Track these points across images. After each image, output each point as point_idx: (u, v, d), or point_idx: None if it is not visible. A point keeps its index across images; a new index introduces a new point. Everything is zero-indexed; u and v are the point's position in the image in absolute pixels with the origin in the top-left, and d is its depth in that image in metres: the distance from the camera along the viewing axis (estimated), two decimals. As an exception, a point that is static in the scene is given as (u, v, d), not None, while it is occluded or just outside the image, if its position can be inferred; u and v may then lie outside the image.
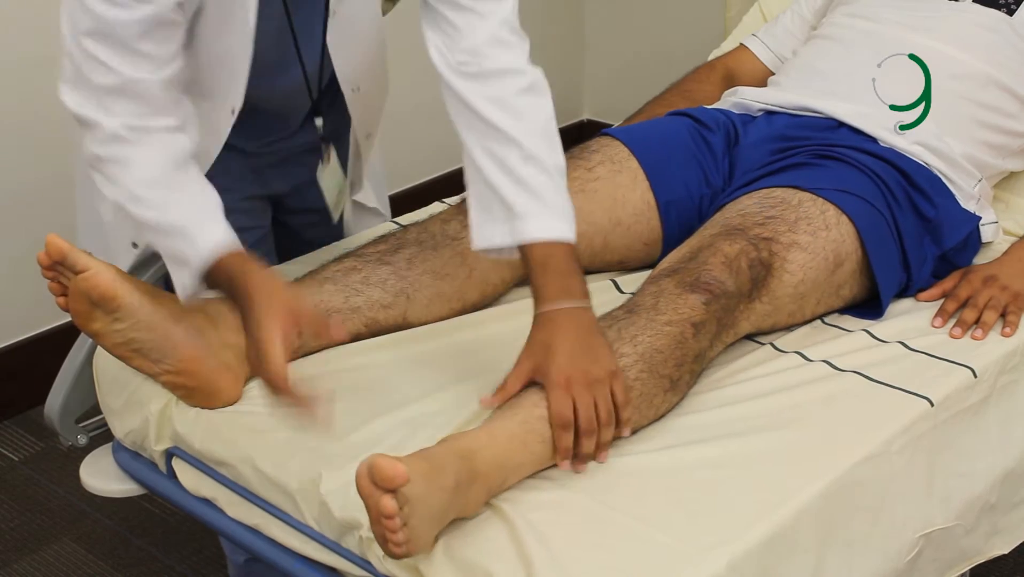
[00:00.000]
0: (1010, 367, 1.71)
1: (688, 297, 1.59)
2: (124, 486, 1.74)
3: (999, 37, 1.99)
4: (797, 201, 1.74)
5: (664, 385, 1.54)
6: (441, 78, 1.61)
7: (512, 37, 1.61)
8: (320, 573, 1.51)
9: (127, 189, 1.51)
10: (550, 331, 1.50)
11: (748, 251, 1.65)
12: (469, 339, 1.71)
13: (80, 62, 1.50)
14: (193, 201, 1.53)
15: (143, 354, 1.57)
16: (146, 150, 1.51)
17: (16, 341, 2.68)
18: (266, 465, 1.52)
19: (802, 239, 1.70)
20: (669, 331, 1.55)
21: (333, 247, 1.92)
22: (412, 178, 3.22)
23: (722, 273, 1.62)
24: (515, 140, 1.56)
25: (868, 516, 1.50)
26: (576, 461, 1.46)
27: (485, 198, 1.57)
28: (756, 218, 1.71)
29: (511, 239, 1.55)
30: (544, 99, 1.62)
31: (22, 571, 2.27)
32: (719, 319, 1.60)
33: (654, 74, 2.71)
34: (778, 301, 1.69)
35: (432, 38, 1.62)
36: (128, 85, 1.49)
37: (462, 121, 1.60)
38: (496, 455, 1.40)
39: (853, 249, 1.75)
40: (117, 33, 1.47)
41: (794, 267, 1.69)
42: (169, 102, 1.54)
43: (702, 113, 1.99)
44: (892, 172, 1.85)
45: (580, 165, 1.87)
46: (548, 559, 1.33)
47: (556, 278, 1.52)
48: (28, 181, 2.59)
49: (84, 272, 1.52)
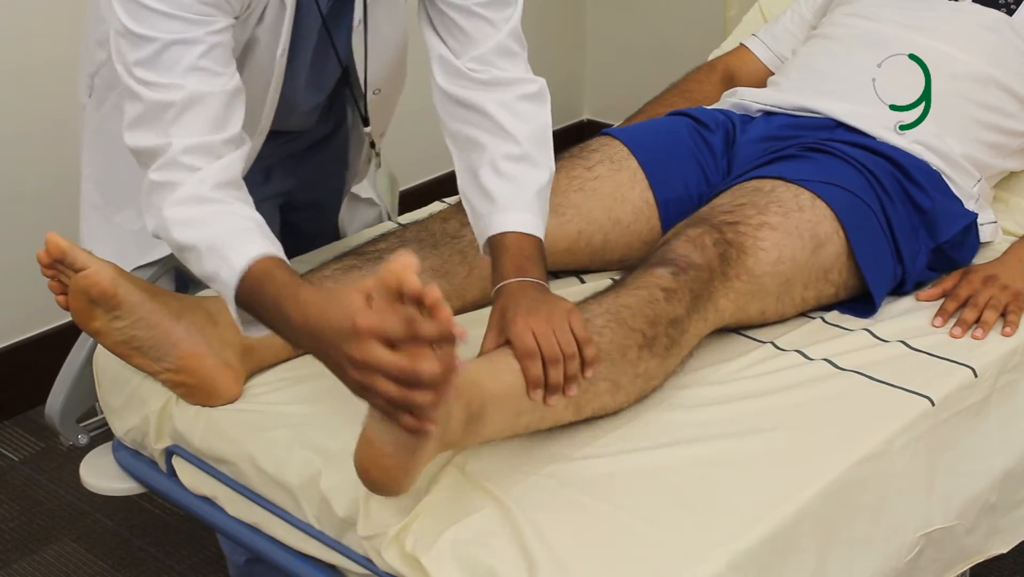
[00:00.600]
0: (1010, 367, 1.71)
1: (655, 270, 1.61)
2: (124, 485, 1.74)
3: (999, 37, 1.99)
4: (770, 188, 1.76)
5: (637, 339, 1.53)
6: (436, 83, 1.61)
7: (517, 46, 1.64)
8: (321, 571, 1.51)
9: (172, 211, 1.45)
10: (506, 298, 1.51)
11: (711, 232, 1.67)
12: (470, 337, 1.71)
13: (139, 90, 1.46)
14: (234, 219, 1.46)
15: (143, 352, 1.57)
16: (199, 173, 1.45)
17: (16, 341, 2.68)
18: (266, 463, 1.52)
19: (772, 219, 1.72)
20: (637, 292, 1.58)
21: (333, 246, 1.92)
22: (412, 178, 3.22)
23: (685, 249, 1.64)
24: (513, 137, 1.59)
25: (869, 515, 1.50)
26: (547, 393, 1.45)
27: (474, 198, 1.61)
28: (725, 207, 1.73)
29: (489, 230, 1.58)
30: (545, 107, 1.65)
31: (22, 571, 2.27)
32: (692, 289, 1.61)
33: (654, 74, 2.71)
34: (759, 280, 1.69)
35: (437, 44, 1.62)
36: (195, 99, 1.45)
37: (460, 117, 1.61)
38: (468, 373, 1.36)
39: (833, 231, 1.75)
40: (177, 55, 1.45)
41: (767, 244, 1.69)
42: (232, 116, 1.49)
43: (701, 113, 1.99)
44: (885, 165, 1.85)
45: (580, 164, 1.87)
46: (550, 557, 1.33)
47: (515, 260, 1.54)
48: (28, 182, 2.59)
49: (84, 270, 1.52)
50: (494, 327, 1.51)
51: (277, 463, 1.51)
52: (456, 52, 1.62)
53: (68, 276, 1.54)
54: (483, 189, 1.59)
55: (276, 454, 1.52)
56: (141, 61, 1.45)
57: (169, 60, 1.45)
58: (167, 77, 1.45)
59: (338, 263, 1.73)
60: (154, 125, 1.45)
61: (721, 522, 1.38)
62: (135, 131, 1.47)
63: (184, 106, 1.45)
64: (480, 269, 1.75)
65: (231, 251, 1.40)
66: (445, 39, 1.62)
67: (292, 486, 1.49)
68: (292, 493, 1.50)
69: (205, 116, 1.45)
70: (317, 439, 1.51)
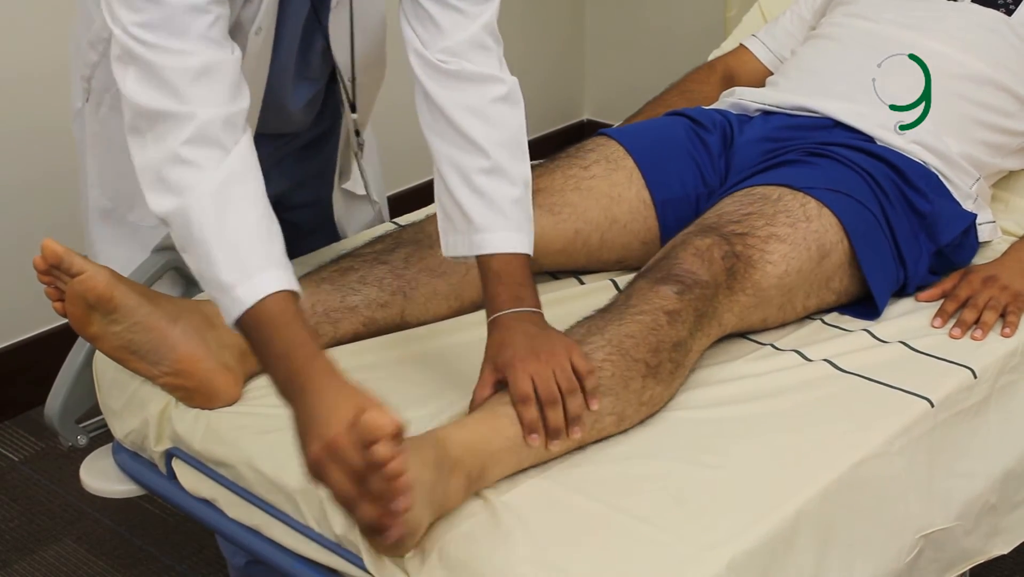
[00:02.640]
0: (1010, 367, 1.71)
1: (659, 289, 1.60)
2: (124, 487, 1.74)
3: (998, 37, 1.99)
4: (777, 196, 1.75)
5: (640, 369, 1.53)
6: (416, 81, 1.60)
7: (491, 41, 1.61)
8: (321, 574, 1.50)
9: (196, 199, 1.39)
10: (502, 332, 1.51)
11: (720, 244, 1.66)
12: (469, 340, 1.71)
13: (142, 51, 1.40)
14: (254, 217, 1.42)
15: (141, 356, 1.57)
16: (228, 156, 1.40)
17: (16, 341, 2.68)
18: (266, 466, 1.52)
19: (781, 231, 1.71)
20: (640, 318, 1.56)
21: (330, 249, 1.92)
22: (412, 178, 3.22)
23: (693, 264, 1.62)
24: (483, 150, 1.57)
25: (868, 516, 1.50)
26: (547, 437, 1.45)
27: (448, 208, 1.59)
28: (733, 216, 1.72)
29: (470, 251, 1.57)
30: (518, 109, 1.62)
31: (22, 571, 2.27)
32: (697, 308, 1.60)
33: (654, 74, 2.71)
34: (764, 293, 1.69)
35: (410, 35, 1.60)
36: (211, 67, 1.41)
37: (433, 127, 1.60)
38: (467, 439, 1.40)
39: (838, 240, 1.75)
40: (188, 21, 1.40)
41: (775, 257, 1.69)
42: (243, 86, 1.46)
43: (699, 113, 1.99)
44: (885, 169, 1.85)
45: (576, 164, 1.87)
46: (547, 559, 1.33)
47: (509, 288, 1.54)
48: (28, 182, 2.59)
49: (80, 275, 1.52)
50: (490, 361, 1.51)
51: (277, 466, 1.51)
52: (426, 42, 1.59)
53: (64, 281, 1.53)
54: (458, 204, 1.57)
55: (276, 457, 1.52)
56: (148, 24, 1.39)
57: (182, 25, 1.40)
58: (180, 43, 1.40)
59: (335, 265, 1.73)
60: (166, 88, 1.40)
61: (721, 523, 1.38)
62: (144, 89, 1.40)
63: (201, 72, 1.40)
64: (476, 270, 1.75)
65: (253, 271, 1.37)
66: (416, 29, 1.60)
67: (292, 489, 1.49)
68: (292, 496, 1.49)
69: (222, 84, 1.42)
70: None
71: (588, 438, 1.51)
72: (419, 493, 1.30)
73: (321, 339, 1.67)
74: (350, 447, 1.24)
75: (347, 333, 1.70)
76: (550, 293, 1.81)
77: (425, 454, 1.34)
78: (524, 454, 1.46)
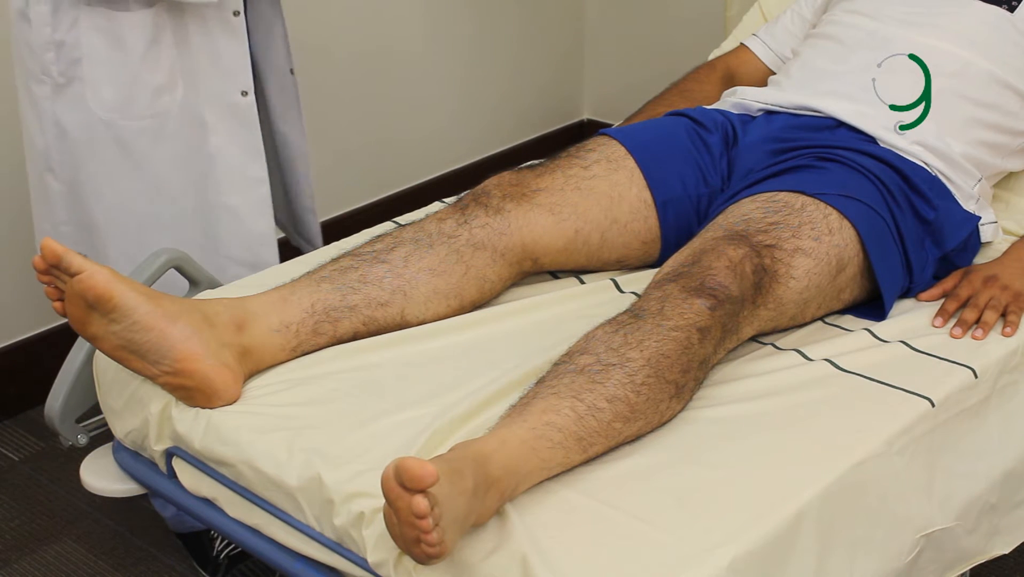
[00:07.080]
0: (1011, 367, 1.71)
1: (693, 302, 1.58)
2: (124, 486, 1.74)
3: (1000, 34, 1.99)
4: (800, 205, 1.74)
5: (669, 391, 1.53)
6: None
7: None
8: (321, 573, 1.51)
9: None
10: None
11: (752, 256, 1.65)
12: (469, 339, 1.71)
13: None
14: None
15: (141, 355, 1.57)
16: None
17: (16, 341, 2.68)
18: (266, 465, 1.52)
19: (806, 244, 1.70)
20: (676, 336, 1.55)
21: (330, 248, 1.92)
22: (412, 178, 3.22)
23: (726, 278, 1.61)
24: None
25: (869, 516, 1.50)
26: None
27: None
28: (760, 224, 1.71)
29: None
30: None
31: (22, 571, 2.27)
32: (724, 325, 1.60)
33: (654, 74, 2.71)
34: (783, 307, 1.69)
35: None
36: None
37: None
38: (508, 460, 1.40)
39: (855, 253, 1.75)
40: None
41: (799, 272, 1.69)
42: None
43: (700, 113, 1.99)
44: (891, 174, 1.85)
45: (577, 164, 1.87)
46: (548, 559, 1.33)
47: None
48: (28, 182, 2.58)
49: (79, 274, 1.52)
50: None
51: (277, 465, 1.51)
52: None
53: (64, 281, 1.53)
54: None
55: (276, 456, 1.52)
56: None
57: None
58: None
59: (335, 264, 1.73)
60: None
61: (722, 523, 1.38)
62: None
63: None
64: (476, 269, 1.75)
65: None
66: None
67: (292, 488, 1.49)
68: (292, 495, 1.49)
69: None
70: (317, 441, 1.51)
71: (605, 449, 1.50)
72: (450, 523, 1.30)
73: (321, 338, 1.67)
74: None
75: (347, 332, 1.69)
76: (550, 292, 1.81)
77: (464, 484, 1.33)
78: (553, 468, 1.46)
